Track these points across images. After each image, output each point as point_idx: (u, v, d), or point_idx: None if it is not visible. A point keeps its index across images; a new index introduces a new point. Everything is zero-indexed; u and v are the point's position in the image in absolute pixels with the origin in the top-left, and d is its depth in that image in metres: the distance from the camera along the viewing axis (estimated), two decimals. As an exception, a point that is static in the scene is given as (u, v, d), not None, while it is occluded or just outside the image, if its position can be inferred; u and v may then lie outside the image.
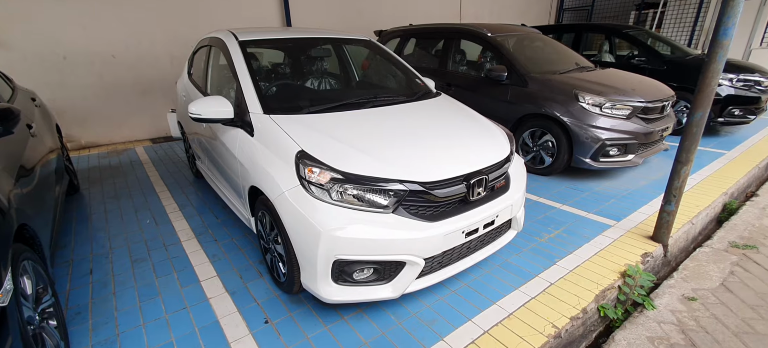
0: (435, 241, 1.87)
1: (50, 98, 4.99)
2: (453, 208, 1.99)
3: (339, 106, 2.46)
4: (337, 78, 3.34)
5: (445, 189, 1.91)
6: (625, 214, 3.18)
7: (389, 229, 1.79)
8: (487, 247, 2.27)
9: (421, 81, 3.17)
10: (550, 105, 3.87)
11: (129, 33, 5.31)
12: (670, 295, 2.38)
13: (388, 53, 3.39)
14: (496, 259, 2.56)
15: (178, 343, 1.89)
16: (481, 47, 5.05)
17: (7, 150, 1.97)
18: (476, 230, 2.05)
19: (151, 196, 3.62)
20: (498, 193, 2.20)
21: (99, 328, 1.99)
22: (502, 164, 2.21)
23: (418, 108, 2.64)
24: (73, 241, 2.86)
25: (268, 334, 1.93)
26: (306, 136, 2.04)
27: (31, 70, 4.87)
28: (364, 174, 1.82)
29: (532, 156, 4.19)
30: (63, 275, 2.44)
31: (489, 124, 2.60)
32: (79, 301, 2.20)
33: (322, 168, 1.84)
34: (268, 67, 3.12)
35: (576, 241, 2.78)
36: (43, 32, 4.88)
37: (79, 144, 5.34)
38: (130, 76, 5.45)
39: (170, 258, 2.61)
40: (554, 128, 3.90)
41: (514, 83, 4.21)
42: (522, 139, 4.23)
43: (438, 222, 1.89)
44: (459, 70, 5.03)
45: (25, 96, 3.20)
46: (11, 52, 4.77)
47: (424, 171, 1.90)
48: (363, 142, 2.03)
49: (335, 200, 1.80)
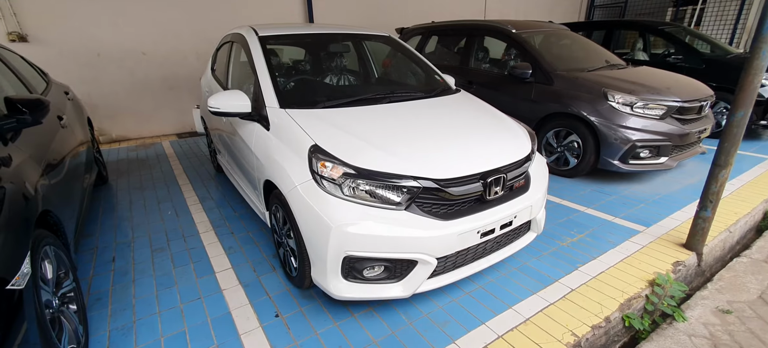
0: (448, 241, 1.81)
1: (85, 93, 5.22)
2: (468, 207, 1.93)
3: (355, 101, 2.44)
4: (356, 74, 3.32)
5: (460, 187, 1.85)
6: (655, 220, 3.00)
7: (401, 226, 1.75)
8: (504, 249, 2.19)
9: (440, 77, 3.11)
10: (577, 104, 3.71)
11: (158, 31, 5.49)
12: (703, 306, 2.22)
13: (407, 49, 3.35)
14: (513, 261, 2.47)
15: (191, 332, 1.92)
16: (504, 45, 4.94)
17: (36, 139, 2.05)
18: (492, 231, 1.97)
19: (174, 188, 3.72)
20: (517, 193, 2.11)
21: (117, 315, 2.04)
22: (522, 163, 2.12)
23: (436, 104, 2.58)
24: (98, 229, 2.96)
25: (277, 328, 1.93)
26: (320, 130, 2.02)
27: (67, 66, 5.11)
28: (376, 169, 1.79)
29: (556, 157, 4.04)
30: (87, 262, 2.53)
31: (510, 121, 2.51)
32: (100, 287, 2.27)
33: (335, 162, 1.81)
34: (288, 62, 3.13)
35: (600, 247, 2.64)
36: (78, 30, 5.10)
37: (110, 137, 5.56)
38: (158, 72, 5.63)
39: (188, 249, 2.66)
40: (580, 128, 3.74)
41: (539, 81, 4.07)
42: (546, 139, 4.08)
43: (452, 221, 1.83)
44: (481, 67, 4.91)
45: (58, 89, 3.35)
46: (49, 48, 5.01)
47: (439, 168, 1.85)
48: (377, 137, 1.99)
49: (347, 195, 1.77)
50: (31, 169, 1.74)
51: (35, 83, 2.98)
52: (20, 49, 4.76)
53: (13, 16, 4.82)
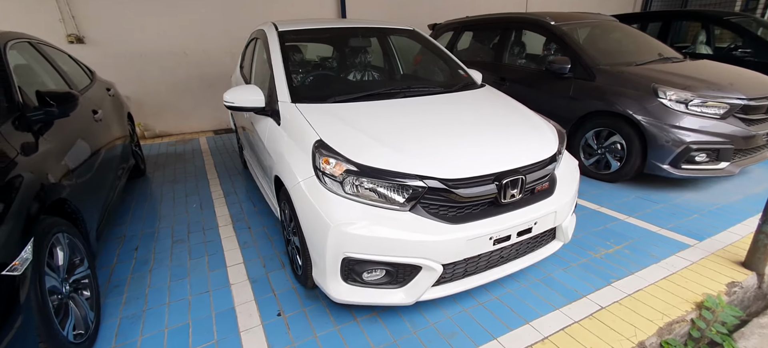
0: (456, 246, 1.67)
1: (132, 91, 5.56)
2: (481, 210, 1.77)
3: (369, 96, 2.35)
4: (378, 69, 3.22)
5: (470, 188, 1.70)
6: (710, 233, 2.64)
7: (405, 228, 1.64)
8: (524, 258, 2.00)
9: (464, 72, 2.94)
10: (621, 101, 3.37)
11: (197, 32, 5.73)
12: (762, 336, 1.90)
13: (431, 43, 3.20)
14: (536, 271, 2.26)
15: (194, 325, 1.92)
16: (542, 39, 4.64)
17: (64, 131, 2.16)
18: (508, 237, 1.80)
19: (203, 182, 3.83)
20: (538, 197, 1.92)
21: (130, 303, 2.10)
22: (545, 164, 1.93)
23: (456, 99, 2.43)
24: (129, 219, 3.10)
25: (278, 327, 1.89)
26: (327, 126, 1.95)
27: (115, 66, 5.46)
28: (379, 167, 1.68)
29: (595, 159, 3.71)
30: (113, 250, 2.64)
31: (536, 118, 2.31)
32: (120, 275, 2.36)
33: (338, 159, 1.73)
34: (312, 58, 3.10)
35: (640, 261, 2.36)
36: (127, 32, 5.44)
37: (153, 133, 5.89)
38: (197, 71, 5.88)
39: (206, 242, 2.70)
40: (625, 128, 3.40)
41: (579, 76, 3.76)
42: (585, 140, 3.76)
43: (461, 225, 1.69)
44: (516, 63, 4.64)
45: (101, 86, 3.56)
46: (101, 49, 5.38)
47: (448, 167, 1.71)
48: (385, 134, 1.89)
49: (349, 194, 1.69)
50: (50, 159, 1.82)
51: (79, 79, 3.17)
52: (77, 50, 5.18)
53: (72, 19, 5.22)
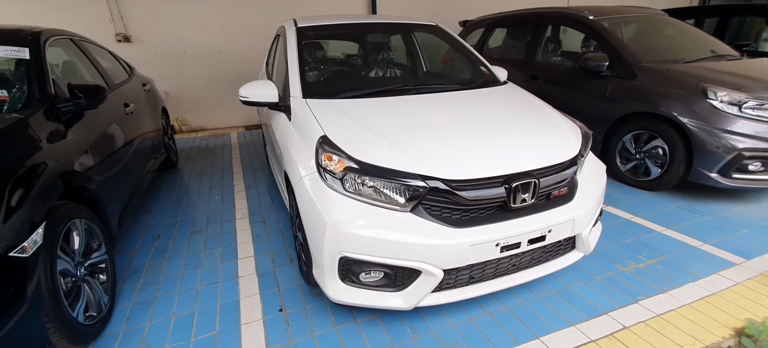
0: (458, 252, 1.57)
1: (172, 87, 5.86)
2: (488, 214, 1.67)
3: (383, 92, 2.29)
4: (399, 66, 3.14)
5: (474, 191, 1.60)
6: (760, 251, 2.35)
7: (404, 230, 1.57)
8: (538, 268, 1.87)
9: (486, 69, 2.81)
10: (665, 102, 3.08)
11: (233, 30, 5.93)
12: (819, 376, 1.64)
13: (455, 40, 3.09)
14: (552, 282, 2.11)
15: (199, 315, 1.96)
16: (579, 36, 4.36)
17: (92, 121, 2.27)
18: (517, 245, 1.68)
19: (228, 175, 3.95)
20: (555, 203, 1.78)
21: (144, 289, 2.18)
22: (563, 167, 1.78)
23: (472, 96, 2.32)
24: (156, 207, 3.25)
25: (277, 323, 1.88)
26: (333, 121, 1.92)
27: (159, 63, 5.77)
28: (381, 165, 1.63)
29: (633, 164, 3.42)
30: (138, 237, 2.77)
31: (558, 118, 2.15)
32: (140, 261, 2.46)
33: (340, 156, 1.69)
34: (331, 54, 3.07)
35: (675, 278, 2.13)
36: (170, 31, 5.73)
37: (190, 127, 6.17)
38: (232, 68, 6.09)
39: (222, 233, 2.77)
40: (667, 131, 3.11)
41: (618, 75, 3.49)
42: (622, 144, 3.48)
43: (465, 229, 1.59)
44: (550, 60, 4.39)
45: (137, 81, 3.75)
46: (145, 46, 5.71)
47: (452, 167, 1.62)
48: (392, 131, 1.83)
49: (349, 191, 1.64)
50: (73, 148, 1.92)
51: (116, 74, 3.36)
52: (124, 48, 5.54)
53: (120, 19, 5.57)
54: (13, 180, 1.42)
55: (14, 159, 1.51)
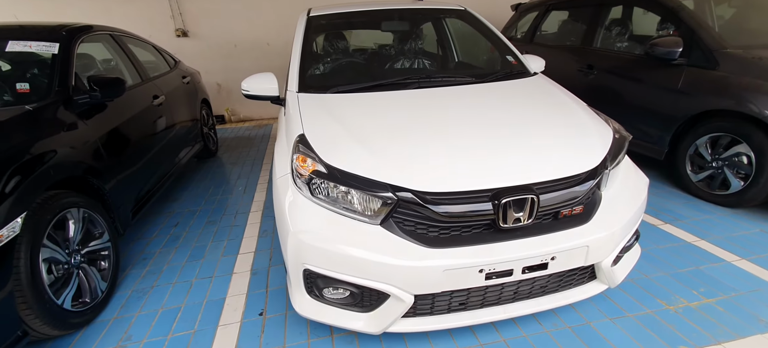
0: (429, 276, 1.34)
1: (222, 79, 6.17)
2: (474, 234, 1.40)
3: (381, 86, 2.09)
4: (416, 55, 2.88)
5: (451, 205, 1.35)
6: None
7: (370, 245, 1.37)
8: (544, 299, 1.56)
9: (514, 59, 2.44)
10: (756, 98, 2.46)
11: (280, 24, 6.03)
12: None
13: (482, 25, 2.74)
14: (569, 314, 1.76)
15: (185, 310, 1.95)
16: (651, 18, 3.68)
17: (109, 113, 2.37)
18: (509, 272, 1.39)
19: (257, 167, 4.01)
20: (564, 224, 1.45)
21: (147, 277, 2.25)
22: (577, 181, 1.44)
23: (486, 91, 2.02)
24: (183, 196, 3.39)
25: (253, 328, 1.80)
26: (316, 119, 1.77)
27: (213, 57, 6.10)
28: (349, 171, 1.44)
29: (708, 174, 2.81)
30: (158, 224, 2.89)
31: (585, 118, 1.77)
32: (153, 248, 2.56)
33: (312, 157, 1.54)
34: (339, 44, 2.89)
35: (738, 326, 1.66)
36: (222, 26, 6.01)
37: (239, 117, 6.45)
38: (277, 61, 6.22)
39: (232, 226, 2.78)
40: (756, 135, 2.49)
41: (694, 63, 2.87)
42: (694, 148, 2.87)
43: (439, 250, 1.35)
44: (610, 47, 3.78)
45: (177, 74, 3.93)
46: (201, 41, 6.05)
47: (427, 177, 1.38)
48: (375, 131, 1.63)
49: (317, 197, 1.49)
50: (77, 140, 2.00)
51: (154, 67, 3.56)
52: (183, 42, 5.93)
53: (179, 15, 5.95)
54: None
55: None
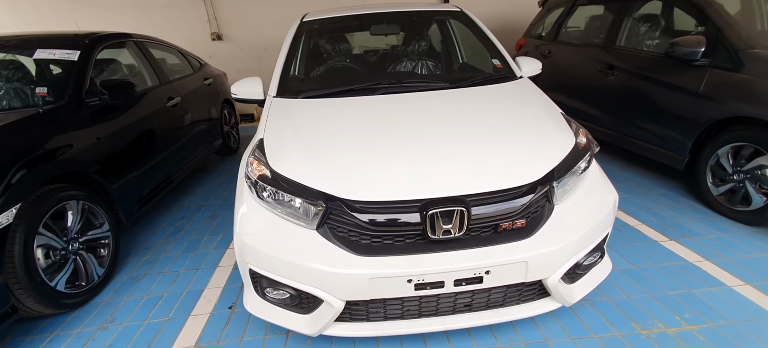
0: (355, 283, 1.36)
1: (253, 79, 6.50)
2: (406, 244, 1.39)
3: (351, 91, 2.12)
4: (404, 59, 2.82)
5: (377, 214, 1.35)
6: None
7: (304, 250, 1.42)
8: (488, 313, 1.51)
9: (501, 62, 2.35)
10: (783, 105, 2.19)
11: (304, 24, 6.24)
12: None
13: (477, 27, 2.66)
14: (529, 330, 1.69)
15: (166, 299, 2.11)
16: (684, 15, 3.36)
17: (118, 114, 2.60)
18: (440, 284, 1.37)
19: (269, 164, 4.19)
20: (503, 238, 1.39)
21: (144, 266, 2.45)
22: (517, 195, 1.39)
23: (454, 97, 2.00)
24: (197, 190, 3.63)
25: (219, 320, 1.91)
26: (278, 124, 1.85)
27: (244, 58, 6.45)
28: (288, 176, 1.50)
29: (729, 188, 2.53)
30: (167, 216, 3.12)
31: (546, 127, 1.70)
32: (156, 239, 2.78)
33: (263, 162, 1.61)
34: (329, 48, 2.91)
35: (718, 359, 1.50)
36: (252, 29, 6.33)
37: (266, 116, 6.77)
38: (301, 61, 6.45)
39: (230, 220, 2.94)
40: (783, 146, 2.21)
41: (718, 64, 2.60)
42: (716, 158, 2.60)
43: (368, 258, 1.36)
44: (633, 46, 3.50)
45: (200, 76, 4.20)
46: (233, 44, 6.42)
47: (354, 185, 1.40)
48: (324, 137, 1.70)
49: (264, 201, 1.55)
50: (82, 139, 2.22)
51: (176, 70, 3.83)
52: (217, 45, 6.34)
53: (215, 20, 6.35)
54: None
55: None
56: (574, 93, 4.06)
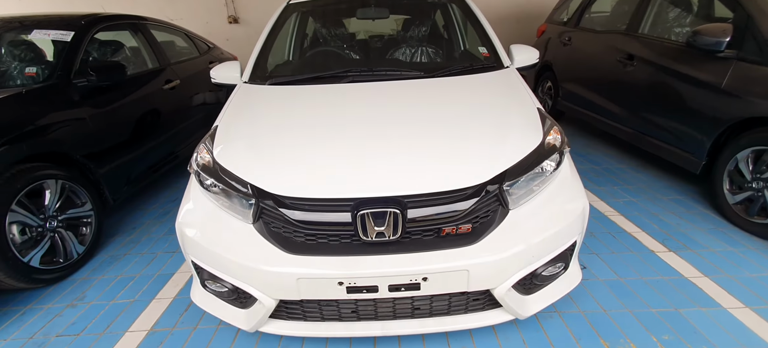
0: (284, 282, 1.30)
1: (266, 63, 6.53)
2: (340, 244, 1.31)
3: (320, 78, 2.03)
4: (386, 46, 2.67)
5: (307, 213, 1.28)
6: None
7: (237, 244, 1.37)
8: (431, 321, 1.41)
9: (487, 50, 2.18)
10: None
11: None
12: None
13: (472, 14, 2.47)
14: (486, 339, 1.57)
15: (138, 280, 2.14)
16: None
17: (109, 95, 2.64)
18: (374, 288, 1.28)
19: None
20: (445, 243, 1.28)
21: (126, 245, 2.50)
22: (460, 198, 1.27)
23: (426, 87, 1.87)
24: (195, 173, 3.68)
25: (180, 305, 1.92)
26: (236, 112, 1.81)
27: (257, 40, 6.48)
28: (226, 167, 1.45)
29: (747, 196, 2.26)
30: (161, 198, 3.17)
31: (512, 124, 1.54)
32: (145, 220, 2.84)
33: (208, 151, 1.57)
34: (314, 32, 2.80)
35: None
36: (267, 13, 6.28)
37: (279, 100, 6.81)
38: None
39: (217, 205, 2.96)
40: (810, 151, 1.93)
41: (744, 57, 2.31)
42: (735, 163, 2.32)
43: (298, 257, 1.29)
44: (659, 34, 3.17)
45: (204, 60, 4.22)
46: (249, 27, 6.45)
47: (286, 181, 1.32)
48: (270, 128, 1.65)
49: (208, 190, 1.51)
50: (64, 119, 2.26)
51: (179, 53, 3.87)
52: (234, 28, 6.41)
53: (232, 3, 6.40)
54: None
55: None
56: (590, 85, 3.77)
